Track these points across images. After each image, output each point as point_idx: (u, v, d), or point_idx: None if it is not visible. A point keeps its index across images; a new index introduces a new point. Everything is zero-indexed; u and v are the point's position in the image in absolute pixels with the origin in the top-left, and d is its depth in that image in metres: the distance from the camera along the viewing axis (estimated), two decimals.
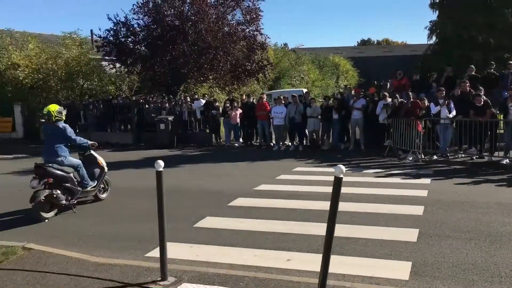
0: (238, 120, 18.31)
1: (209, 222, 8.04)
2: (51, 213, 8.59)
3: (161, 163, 5.47)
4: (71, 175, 9.00)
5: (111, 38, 22.45)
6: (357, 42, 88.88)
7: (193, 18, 21.79)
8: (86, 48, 24.26)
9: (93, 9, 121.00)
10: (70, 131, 9.17)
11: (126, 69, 23.73)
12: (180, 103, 19.99)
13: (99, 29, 24.44)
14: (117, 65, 23.74)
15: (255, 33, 23.64)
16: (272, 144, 17.76)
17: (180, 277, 5.50)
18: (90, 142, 9.70)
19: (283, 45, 47.64)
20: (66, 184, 8.80)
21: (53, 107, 9.20)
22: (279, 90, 31.33)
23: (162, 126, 18.29)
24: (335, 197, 4.47)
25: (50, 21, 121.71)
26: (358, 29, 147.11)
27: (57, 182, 8.65)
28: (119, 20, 22.30)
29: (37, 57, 22.89)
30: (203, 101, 19.76)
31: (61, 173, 8.78)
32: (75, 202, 9.07)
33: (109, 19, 22.31)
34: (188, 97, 20.56)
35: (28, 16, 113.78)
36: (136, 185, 11.39)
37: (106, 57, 23.81)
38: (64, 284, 5.40)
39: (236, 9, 23.79)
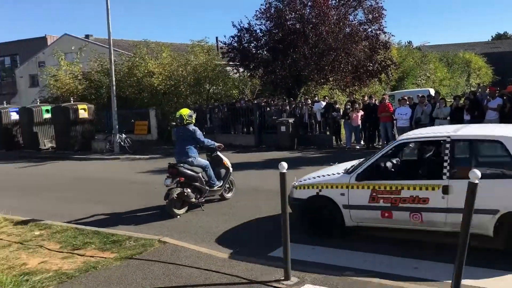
0: (360, 122, 17.91)
1: None
2: (183, 210, 9.21)
3: (284, 165, 5.56)
4: (200, 175, 9.56)
5: (235, 44, 23.40)
6: (491, 36, 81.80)
7: (314, 20, 21.81)
8: (212, 54, 25.62)
9: (218, 18, 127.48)
10: (199, 133, 9.75)
11: (248, 74, 24.56)
12: (300, 105, 20.15)
13: (224, 36, 25.69)
14: (240, 69, 24.68)
15: (378, 32, 22.94)
16: None
17: (303, 278, 5.54)
18: (216, 144, 10.20)
19: (407, 43, 45.64)
20: (196, 183, 9.37)
21: (185, 111, 9.84)
22: (402, 91, 30.02)
23: (283, 128, 18.58)
24: (469, 206, 4.16)
25: (181, 31, 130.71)
26: (492, 23, 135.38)
27: (187, 181, 9.27)
28: (243, 26, 23.18)
29: (170, 64, 24.74)
30: (324, 103, 19.69)
31: (191, 173, 9.38)
32: (203, 200, 9.62)
33: (234, 26, 23.33)
34: (308, 99, 20.64)
35: (162, 28, 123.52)
36: (259, 185, 11.71)
37: (230, 63, 24.89)
38: (196, 277, 5.75)
39: (358, 9, 23.33)
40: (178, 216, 9.00)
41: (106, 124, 24.83)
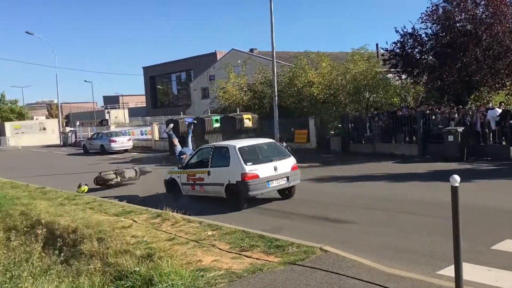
0: None
1: (510, 245, 7.16)
2: None
3: (457, 178, 5.18)
4: None
5: (398, 50, 22.58)
6: None
7: (488, 20, 19.96)
8: (373, 62, 25.09)
9: (379, 24, 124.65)
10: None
11: (411, 80, 23.48)
12: (471, 113, 18.54)
13: (386, 43, 25.00)
14: (403, 76, 23.72)
15: None
16: None
17: None
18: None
19: None
20: None
21: None
22: None
23: (450, 137, 17.30)
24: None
25: (340, 39, 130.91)
26: None
27: None
28: (406, 31, 22.26)
29: (329, 74, 24.93)
30: (499, 110, 17.80)
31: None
32: None
33: (397, 31, 22.54)
34: (481, 106, 18.89)
35: (322, 38, 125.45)
36: (424, 198, 11.08)
37: (392, 69, 24.09)
38: None
39: None
40: None
41: (268, 132, 26.03)
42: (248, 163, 11.16)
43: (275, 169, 11.45)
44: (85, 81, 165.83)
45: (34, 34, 45.31)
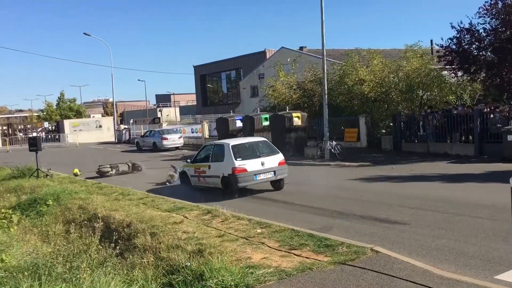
0: None
1: None
2: None
3: None
4: None
5: (454, 47, 21.75)
6: None
7: None
8: (427, 59, 24.28)
9: (434, 20, 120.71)
10: None
11: (468, 77, 22.57)
12: None
13: (441, 39, 23.96)
14: (459, 73, 22.84)
15: None
16: None
17: None
18: None
19: None
20: None
21: None
22: None
23: (510, 137, 16.51)
24: None
25: (392, 36, 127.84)
26: None
27: None
28: (463, 27, 21.41)
29: (381, 71, 24.34)
30: None
31: None
32: None
33: (452, 27, 21.71)
34: None
35: (373, 34, 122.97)
36: (481, 200, 10.65)
37: (447, 66, 23.25)
38: None
39: None
40: None
41: (317, 131, 25.84)
42: (238, 159, 13.11)
43: (262, 164, 13.31)
44: (139, 80, 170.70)
45: (91, 36, 47.14)
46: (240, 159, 13.14)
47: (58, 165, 24.68)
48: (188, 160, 15.68)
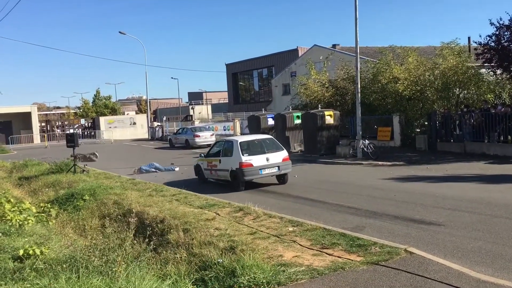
0: None
1: None
2: None
3: None
4: None
5: (492, 44, 21.13)
6: None
7: None
8: (464, 56, 23.65)
9: (472, 16, 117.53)
10: None
11: (507, 76, 21.87)
12: None
13: (479, 36, 23.26)
14: (498, 71, 22.17)
15: None
16: None
17: None
18: None
19: None
20: None
21: None
22: None
23: None
24: None
25: (428, 33, 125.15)
26: None
27: None
28: (503, 23, 20.74)
29: (416, 69, 23.85)
30: None
31: None
32: None
33: (491, 24, 21.06)
34: None
35: (409, 32, 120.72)
36: None
37: (486, 64, 22.59)
38: None
39: None
40: None
41: (350, 129, 25.58)
42: (245, 154, 14.30)
43: (267, 159, 14.45)
44: (172, 78, 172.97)
45: (126, 34, 48.02)
46: (247, 154, 14.36)
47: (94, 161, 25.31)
48: (202, 155, 17.10)
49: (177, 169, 20.69)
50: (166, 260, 8.31)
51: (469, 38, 30.48)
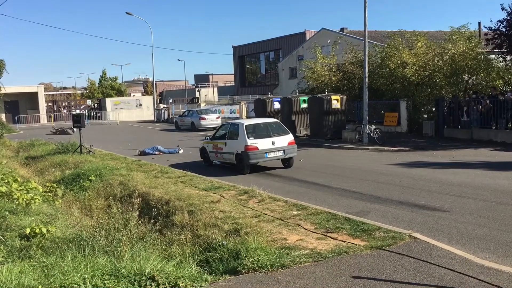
0: None
1: None
2: None
3: None
4: None
5: (503, 29, 20.83)
6: None
7: None
8: (474, 42, 23.35)
9: (483, 1, 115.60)
10: None
11: None
12: None
13: (490, 21, 22.90)
14: (508, 58, 21.90)
15: None
16: None
17: None
18: None
19: None
20: None
21: None
22: None
23: None
24: None
25: (438, 18, 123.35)
26: None
27: None
28: None
29: (424, 54, 23.59)
30: None
31: None
32: None
33: (503, 9, 20.73)
34: None
35: (418, 17, 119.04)
36: None
37: (495, 50, 22.30)
38: (449, 279, 5.44)
39: None
40: None
41: (356, 114, 25.45)
42: (250, 138, 14.27)
43: (273, 143, 14.43)
44: (178, 60, 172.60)
45: (133, 15, 47.74)
46: (253, 138, 14.33)
47: (100, 141, 25.42)
48: (208, 137, 17.04)
49: (181, 151, 20.73)
50: (171, 241, 8.37)
51: (479, 23, 30.10)
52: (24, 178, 14.05)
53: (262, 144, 14.32)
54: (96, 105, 58.36)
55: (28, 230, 7.25)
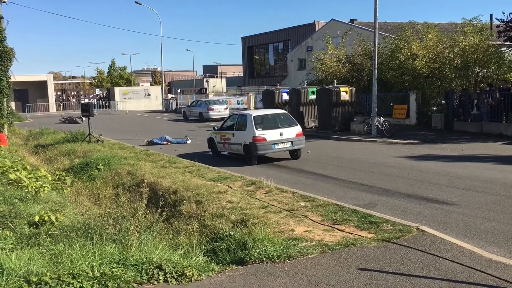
0: None
1: None
2: None
3: None
4: None
5: None
6: None
7: None
8: (486, 34, 23.05)
9: None
10: None
11: None
12: None
13: (503, 13, 22.57)
14: None
15: None
16: None
17: None
18: None
19: None
20: None
21: None
22: None
23: None
24: None
25: (450, 9, 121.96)
26: None
27: None
28: None
29: (435, 46, 23.35)
30: None
31: None
32: None
33: None
34: None
35: (429, 8, 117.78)
36: None
37: (507, 43, 22.03)
38: (457, 273, 5.42)
39: None
40: None
41: (365, 106, 25.30)
42: (258, 129, 14.25)
43: (281, 134, 14.39)
44: (187, 50, 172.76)
45: (142, 4, 47.64)
46: (261, 129, 14.30)
47: (109, 131, 25.53)
48: (216, 128, 16.92)
49: (189, 141, 20.78)
50: (178, 230, 8.41)
51: (491, 15, 29.66)
52: (33, 166, 14.16)
53: (270, 135, 14.28)
54: (104, 94, 58.54)
55: (37, 218, 7.31)
